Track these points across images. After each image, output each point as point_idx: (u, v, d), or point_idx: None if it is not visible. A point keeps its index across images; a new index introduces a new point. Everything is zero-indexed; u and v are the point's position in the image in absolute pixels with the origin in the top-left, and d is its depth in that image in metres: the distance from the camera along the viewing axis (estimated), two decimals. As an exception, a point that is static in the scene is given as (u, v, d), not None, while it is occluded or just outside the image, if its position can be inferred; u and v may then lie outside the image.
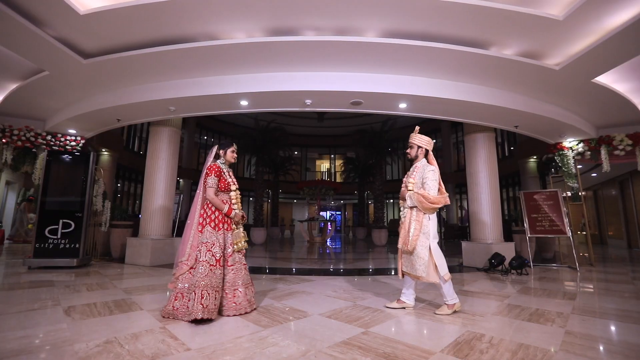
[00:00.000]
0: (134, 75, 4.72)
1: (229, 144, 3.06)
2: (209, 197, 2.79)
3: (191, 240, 2.78)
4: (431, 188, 2.88)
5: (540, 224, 6.35)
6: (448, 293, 2.89)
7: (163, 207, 6.17)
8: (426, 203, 2.82)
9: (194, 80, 4.74)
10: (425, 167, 3.00)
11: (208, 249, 2.69)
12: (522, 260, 5.27)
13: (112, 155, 11.84)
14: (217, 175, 2.85)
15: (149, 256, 5.70)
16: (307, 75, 4.55)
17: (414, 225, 2.88)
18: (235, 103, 5.01)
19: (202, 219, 2.82)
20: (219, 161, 2.99)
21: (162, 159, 6.26)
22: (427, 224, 2.88)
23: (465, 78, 4.70)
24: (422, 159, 3.10)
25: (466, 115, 5.42)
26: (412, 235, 2.86)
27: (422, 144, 3.09)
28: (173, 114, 5.50)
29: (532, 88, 4.96)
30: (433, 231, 2.90)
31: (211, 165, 2.88)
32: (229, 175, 2.99)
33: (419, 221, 2.87)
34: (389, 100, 4.85)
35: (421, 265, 2.84)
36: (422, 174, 2.98)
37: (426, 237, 2.86)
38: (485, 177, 6.33)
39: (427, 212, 2.88)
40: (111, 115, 5.64)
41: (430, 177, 2.91)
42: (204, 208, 2.86)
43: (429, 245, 2.86)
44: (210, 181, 2.81)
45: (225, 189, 2.91)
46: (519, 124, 5.76)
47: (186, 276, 2.70)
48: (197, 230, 2.80)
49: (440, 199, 2.87)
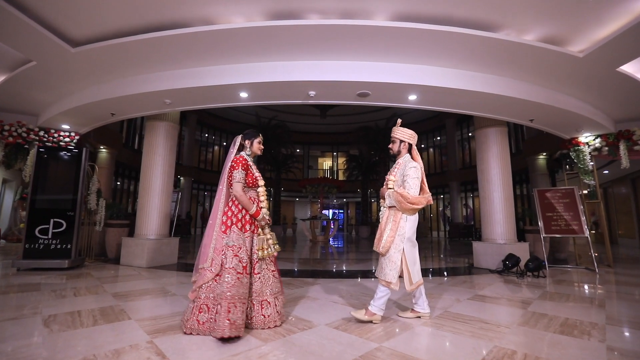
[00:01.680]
0: (127, 65, 4.43)
1: (254, 134, 2.70)
2: (237, 193, 2.45)
3: (214, 243, 2.42)
4: (412, 187, 2.62)
5: (556, 223, 6.04)
6: (381, 299, 2.62)
7: (160, 206, 5.90)
8: (405, 203, 2.57)
9: (190, 71, 4.45)
10: (407, 164, 2.73)
11: (235, 253, 2.36)
12: (539, 262, 4.96)
13: (110, 153, 11.61)
14: (244, 168, 2.50)
15: (144, 257, 5.43)
16: (310, 65, 4.24)
17: (389, 226, 2.63)
18: (234, 95, 4.72)
19: (227, 218, 2.47)
20: (243, 153, 2.65)
21: (158, 155, 5.98)
22: (403, 225, 2.62)
23: (479, 67, 4.38)
24: (405, 155, 2.84)
25: (479, 108, 5.10)
26: (386, 237, 2.61)
27: (405, 138, 2.81)
28: (169, 108, 5.21)
29: (550, 78, 4.63)
30: (409, 233, 2.64)
31: (237, 157, 2.54)
32: (256, 169, 2.67)
33: (396, 222, 2.63)
34: (398, 92, 4.54)
35: (392, 270, 2.58)
36: (403, 171, 2.72)
37: (401, 239, 2.61)
38: (497, 174, 6.02)
39: (407, 213, 2.63)
40: (105, 109, 5.36)
41: (412, 175, 2.65)
42: (228, 206, 2.52)
43: (403, 249, 2.60)
44: (237, 175, 2.47)
45: (253, 185, 2.58)
46: (535, 117, 5.43)
47: (211, 285, 2.33)
48: (220, 232, 2.44)
49: (421, 200, 2.61)
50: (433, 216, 19.94)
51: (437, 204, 19.93)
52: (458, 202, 17.85)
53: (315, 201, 20.96)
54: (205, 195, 19.54)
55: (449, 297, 3.57)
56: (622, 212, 12.41)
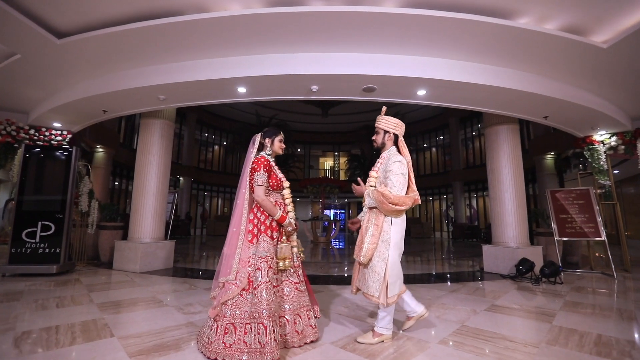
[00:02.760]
0: (117, 58, 4.16)
1: (275, 132, 2.45)
2: (259, 197, 2.19)
3: (239, 254, 2.16)
4: (395, 184, 2.23)
5: (570, 226, 5.75)
6: (385, 319, 2.30)
7: (155, 207, 5.63)
8: (386, 204, 2.18)
9: (184, 64, 4.18)
10: (390, 158, 2.35)
11: (269, 264, 2.11)
12: (555, 268, 4.67)
13: (107, 152, 11.35)
14: (266, 170, 2.26)
15: (138, 262, 5.16)
16: (313, 57, 3.96)
17: (370, 231, 2.27)
18: (231, 90, 4.44)
19: (253, 225, 2.22)
20: (263, 153, 2.40)
21: (153, 154, 5.71)
22: (387, 229, 2.26)
23: (494, 59, 4.09)
24: (390, 147, 2.47)
25: (491, 104, 4.81)
26: (367, 243, 2.25)
27: (390, 128, 2.44)
28: (164, 104, 4.94)
29: (569, 71, 4.34)
30: (396, 239, 2.26)
31: (259, 158, 2.30)
32: (278, 170, 2.42)
33: (378, 225, 2.26)
34: (406, 86, 4.26)
35: (375, 282, 2.23)
36: (386, 166, 2.36)
37: (385, 246, 2.25)
38: (509, 174, 5.73)
39: (390, 215, 2.26)
40: (96, 106, 5.09)
41: (395, 171, 2.26)
42: (253, 212, 2.28)
43: (387, 257, 2.24)
44: (258, 177, 2.22)
45: (277, 187, 2.32)
46: (550, 114, 5.14)
47: (237, 301, 2.06)
48: (246, 241, 2.20)
49: (405, 200, 2.22)
50: (436, 216, 19.65)
51: (440, 204, 19.65)
52: (461, 202, 17.57)
53: (316, 201, 20.68)
54: (205, 196, 19.31)
55: (464, 308, 3.30)
56: (631, 212, 12.11)
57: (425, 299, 3.68)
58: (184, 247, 9.61)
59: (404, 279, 2.42)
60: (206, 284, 4.34)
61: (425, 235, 16.82)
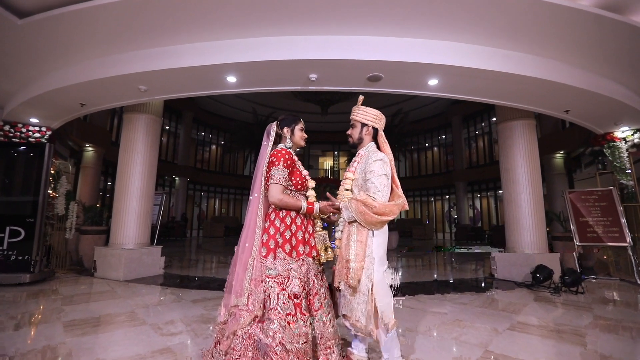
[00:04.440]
0: (89, 42, 3.70)
1: (295, 119, 2.00)
2: (274, 198, 1.78)
3: (251, 272, 1.75)
4: (379, 189, 1.82)
5: (592, 230, 5.29)
6: (390, 348, 1.84)
7: (139, 210, 5.15)
8: (369, 215, 1.77)
9: (166, 50, 3.71)
10: (370, 156, 1.93)
11: (282, 286, 1.70)
12: (577, 276, 4.22)
13: (97, 151, 10.84)
14: (287, 165, 1.82)
15: (121, 269, 4.69)
16: (311, 40, 3.50)
17: (353, 249, 1.82)
18: (220, 80, 3.98)
19: (269, 237, 1.79)
20: (282, 145, 1.95)
21: (138, 152, 5.24)
22: (370, 243, 1.84)
23: (516, 44, 3.63)
24: (368, 143, 2.04)
25: (510, 96, 4.34)
26: (354, 263, 1.78)
27: (369, 120, 2.02)
28: (146, 96, 4.47)
29: (596, 57, 3.88)
30: (379, 253, 1.84)
31: (278, 150, 1.86)
32: (301, 166, 2.00)
33: (362, 242, 1.82)
34: (416, 75, 3.79)
35: (361, 303, 1.78)
36: (365, 166, 1.92)
37: (370, 261, 1.83)
38: (525, 174, 5.27)
39: (373, 227, 1.84)
40: (72, 98, 4.61)
41: (377, 171, 1.84)
42: (270, 219, 1.85)
43: (372, 274, 1.81)
44: (276, 173, 1.79)
45: (301, 187, 1.91)
46: (572, 107, 4.68)
47: (249, 331, 1.67)
48: (260, 256, 1.78)
49: (393, 208, 1.82)
50: (438, 217, 19.21)
51: (442, 204, 19.22)
52: (464, 203, 17.13)
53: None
54: (202, 196, 18.87)
55: (484, 326, 2.85)
56: (643, 213, 11.66)
57: (438, 314, 3.23)
58: (178, 251, 9.15)
59: (409, 289, 1.95)
60: (194, 295, 3.89)
61: (427, 237, 16.38)
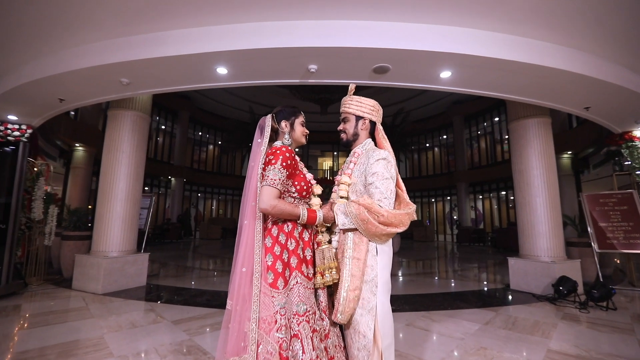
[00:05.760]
0: (63, 29, 3.30)
1: (294, 111, 1.63)
2: (266, 204, 1.36)
3: (256, 310, 1.30)
4: (384, 194, 1.46)
5: (612, 236, 4.92)
6: None
7: (125, 214, 4.74)
8: (373, 224, 1.40)
9: (148, 37, 3.31)
10: (370, 155, 1.56)
11: (311, 325, 1.31)
12: (606, 290, 3.84)
13: (88, 151, 10.40)
14: (287, 165, 1.43)
15: (100, 280, 4.28)
16: (311, 26, 3.11)
17: (349, 269, 1.42)
18: (209, 71, 3.58)
19: (274, 257, 1.38)
20: (279, 142, 1.57)
21: (122, 152, 4.83)
22: (372, 263, 1.45)
23: (539, 31, 3.25)
24: (365, 140, 1.69)
25: (527, 91, 3.96)
26: (346, 291, 1.39)
27: (364, 112, 1.66)
28: (129, 90, 4.06)
29: (626, 48, 3.52)
30: (384, 277, 1.46)
31: (278, 147, 1.47)
32: (304, 168, 1.62)
33: (360, 259, 1.42)
34: (427, 65, 3.41)
35: (362, 349, 1.38)
36: (365, 167, 1.56)
37: (371, 289, 1.43)
38: (540, 175, 4.90)
39: (377, 240, 1.46)
40: (49, 92, 4.21)
41: (381, 173, 1.49)
42: (272, 234, 1.44)
43: (376, 306, 1.41)
44: (272, 174, 1.39)
45: (305, 193, 1.51)
46: (594, 103, 4.30)
47: None
48: (266, 285, 1.35)
49: (403, 218, 1.45)
50: (439, 219, 18.87)
51: (443, 206, 18.88)
52: (466, 204, 16.78)
53: (314, 203, 19.83)
54: (199, 197, 18.50)
55: (514, 357, 2.46)
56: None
57: (456, 338, 2.84)
58: (172, 255, 8.74)
59: (414, 302, 1.56)
60: (177, 313, 3.48)
61: (428, 239, 16.04)
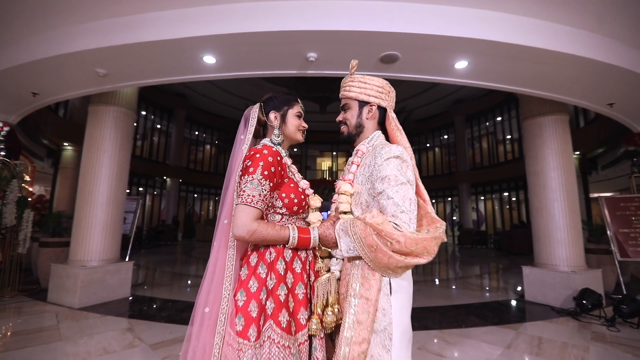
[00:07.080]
0: (27, 8, 2.90)
1: (287, 99, 1.25)
2: (242, 229, 1.01)
3: None
4: (402, 208, 1.02)
5: (636, 243, 4.54)
6: None
7: (106, 220, 4.33)
8: (385, 253, 0.98)
9: (124, 20, 2.91)
10: (378, 152, 1.12)
11: None
12: (637, 305, 3.46)
13: (77, 151, 10.00)
14: (269, 174, 1.07)
15: (77, 293, 3.88)
16: (310, 5, 2.72)
17: (353, 312, 1.02)
18: (195, 60, 3.19)
19: (248, 297, 1.03)
20: (267, 141, 1.22)
21: (104, 151, 4.42)
22: (386, 305, 1.04)
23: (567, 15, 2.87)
24: (373, 133, 1.24)
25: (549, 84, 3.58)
26: (349, 344, 0.99)
27: (370, 96, 1.21)
28: (109, 83, 3.66)
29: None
30: (403, 323, 1.05)
31: (258, 148, 1.11)
32: (298, 173, 1.27)
33: (369, 300, 1.03)
34: (441, 54, 3.02)
35: None
36: (371, 170, 1.12)
37: (385, 341, 1.01)
38: (557, 177, 4.52)
39: (390, 273, 1.04)
40: (21, 85, 3.81)
41: (394, 176, 1.06)
42: (248, 262, 1.10)
43: None
44: (249, 188, 1.04)
45: (297, 208, 1.15)
46: (619, 98, 3.93)
47: None
48: (232, 333, 1.00)
49: (429, 244, 1.00)
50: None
51: (444, 207, 18.54)
52: (468, 206, 16.44)
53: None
54: (195, 198, 18.12)
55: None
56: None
57: (478, 368, 2.45)
58: (164, 259, 8.33)
59: (424, 317, 1.15)
60: (158, 333, 3.07)
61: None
